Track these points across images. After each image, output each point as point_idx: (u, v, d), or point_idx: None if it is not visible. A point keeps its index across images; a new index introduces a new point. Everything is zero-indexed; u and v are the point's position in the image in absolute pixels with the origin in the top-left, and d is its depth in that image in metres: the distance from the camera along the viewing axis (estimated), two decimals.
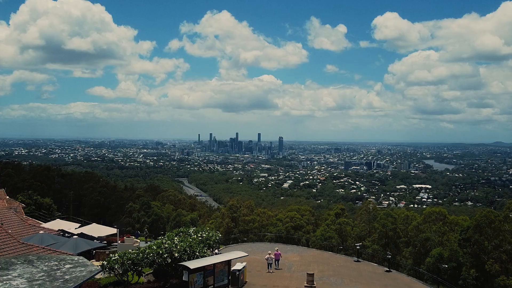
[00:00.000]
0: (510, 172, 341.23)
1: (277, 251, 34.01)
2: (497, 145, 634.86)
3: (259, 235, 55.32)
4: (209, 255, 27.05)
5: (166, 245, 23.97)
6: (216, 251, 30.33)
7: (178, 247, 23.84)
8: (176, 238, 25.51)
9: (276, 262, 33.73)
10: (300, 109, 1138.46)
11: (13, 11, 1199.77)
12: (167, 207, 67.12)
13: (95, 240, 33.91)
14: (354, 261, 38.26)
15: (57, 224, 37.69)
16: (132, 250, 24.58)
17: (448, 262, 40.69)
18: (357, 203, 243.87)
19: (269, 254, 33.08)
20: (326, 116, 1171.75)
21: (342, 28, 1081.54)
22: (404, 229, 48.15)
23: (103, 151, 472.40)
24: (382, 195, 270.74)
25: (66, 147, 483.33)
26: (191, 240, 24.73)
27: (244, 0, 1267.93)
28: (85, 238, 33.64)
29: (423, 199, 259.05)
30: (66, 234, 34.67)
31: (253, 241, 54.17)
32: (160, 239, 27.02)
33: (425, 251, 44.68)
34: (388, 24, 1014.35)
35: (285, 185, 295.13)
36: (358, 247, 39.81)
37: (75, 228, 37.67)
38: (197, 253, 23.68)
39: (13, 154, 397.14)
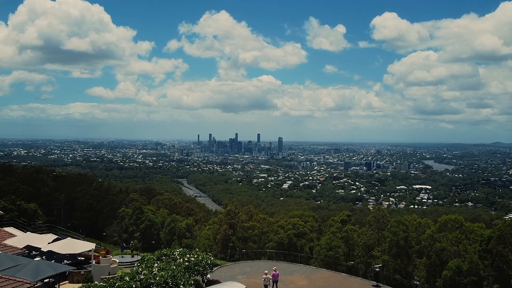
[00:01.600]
0: (510, 173, 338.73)
1: (275, 271, 29.50)
2: (496, 145, 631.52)
3: (259, 244, 51.25)
4: (199, 284, 22.14)
5: (142, 276, 18.92)
6: (208, 276, 25.73)
7: (158, 278, 18.85)
8: (156, 264, 20.44)
9: (274, 283, 29.26)
10: (299, 109, 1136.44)
11: (12, 11, 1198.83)
12: (162, 211, 62.72)
13: (63, 262, 28.53)
14: (373, 286, 33.25)
15: (26, 239, 32.62)
16: (106, 276, 19.93)
17: (467, 275, 36.52)
18: (357, 203, 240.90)
19: (266, 274, 28.47)
20: (326, 117, 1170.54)
21: (341, 28, 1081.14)
22: (416, 237, 43.94)
23: (102, 151, 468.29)
24: (382, 195, 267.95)
25: (65, 148, 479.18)
26: (174, 267, 19.32)
27: (243, 0, 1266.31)
28: (54, 256, 29.14)
29: (423, 200, 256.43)
30: (33, 252, 30.04)
31: (252, 249, 50.06)
32: (136, 265, 22.11)
33: (440, 263, 40.47)
34: (387, 24, 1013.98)
35: (285, 185, 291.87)
36: (377, 269, 34.59)
37: (48, 243, 32.64)
38: (181, 285, 18.32)
39: (12, 155, 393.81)
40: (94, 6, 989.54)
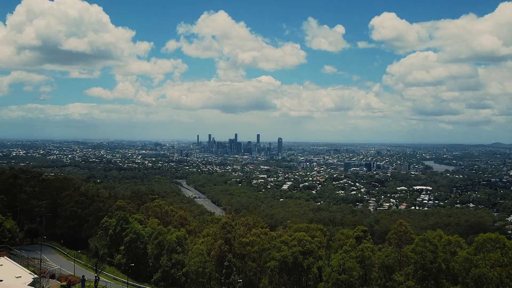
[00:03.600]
0: (511, 173, 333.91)
1: None
2: (496, 146, 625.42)
3: (259, 262, 43.61)
4: None
5: None
6: None
7: None
8: None
9: None
10: (298, 110, 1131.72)
11: (10, 12, 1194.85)
12: (151, 222, 54.61)
13: None
14: None
15: None
16: None
17: None
18: (358, 205, 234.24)
19: None
20: (325, 117, 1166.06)
21: (340, 29, 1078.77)
22: (446, 258, 36.25)
23: (101, 152, 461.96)
24: (382, 196, 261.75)
25: (65, 148, 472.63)
26: None
27: (241, 1, 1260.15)
28: None
29: (424, 201, 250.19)
30: None
31: (251, 268, 42.42)
32: None
33: None
34: (386, 24, 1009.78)
35: (285, 186, 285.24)
36: None
37: None
38: None
39: (11, 155, 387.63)
40: (93, 7, 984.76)
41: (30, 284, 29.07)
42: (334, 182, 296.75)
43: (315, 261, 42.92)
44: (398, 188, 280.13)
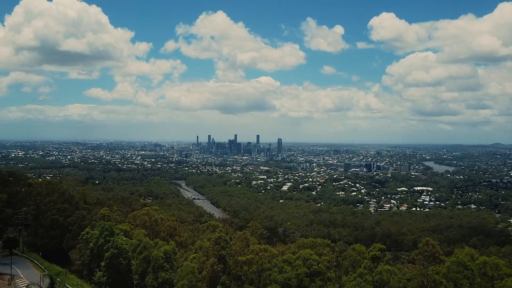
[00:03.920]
0: (511, 174, 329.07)
1: None
2: (496, 146, 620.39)
3: (257, 283, 36.93)
4: None
5: None
6: None
7: None
8: None
9: None
10: (298, 110, 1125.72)
11: (8, 12, 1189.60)
12: (137, 233, 47.31)
13: None
14: None
15: None
16: None
17: None
18: (358, 206, 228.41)
19: None
20: (325, 118, 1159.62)
21: (338, 29, 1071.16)
22: (485, 286, 29.57)
23: (100, 153, 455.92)
24: (383, 197, 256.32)
25: (64, 149, 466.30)
26: None
27: (239, 1, 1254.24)
28: None
29: (425, 202, 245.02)
30: None
31: None
32: None
33: None
34: (385, 24, 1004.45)
35: (284, 187, 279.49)
36: None
37: None
38: None
39: (10, 156, 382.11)
40: (92, 7, 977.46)
41: None
42: (334, 183, 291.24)
43: (324, 284, 36.08)
44: (398, 189, 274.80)
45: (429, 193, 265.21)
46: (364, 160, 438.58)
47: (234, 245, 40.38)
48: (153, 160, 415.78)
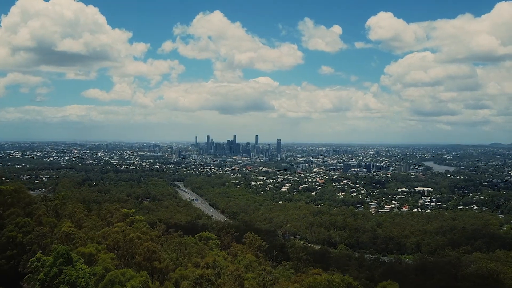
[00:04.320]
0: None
1: None
2: (495, 146, 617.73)
3: None
4: None
5: None
6: None
7: None
8: None
9: None
10: (296, 110, 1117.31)
11: (4, 13, 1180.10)
12: (103, 258, 37.53)
13: None
14: None
15: None
16: None
17: None
18: (359, 207, 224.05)
19: None
20: (323, 118, 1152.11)
21: (336, 29, 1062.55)
22: None
23: (99, 154, 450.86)
24: (383, 198, 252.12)
25: (62, 150, 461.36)
26: None
27: (236, 1, 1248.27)
28: None
29: (426, 203, 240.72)
30: None
31: None
32: None
33: None
34: (382, 24, 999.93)
35: (284, 188, 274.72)
36: None
37: None
38: None
39: (7, 158, 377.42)
40: (89, 8, 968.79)
41: None
42: (334, 184, 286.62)
43: None
44: (399, 190, 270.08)
45: (430, 193, 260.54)
46: (363, 160, 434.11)
47: (223, 285, 31.70)
48: (151, 161, 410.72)
